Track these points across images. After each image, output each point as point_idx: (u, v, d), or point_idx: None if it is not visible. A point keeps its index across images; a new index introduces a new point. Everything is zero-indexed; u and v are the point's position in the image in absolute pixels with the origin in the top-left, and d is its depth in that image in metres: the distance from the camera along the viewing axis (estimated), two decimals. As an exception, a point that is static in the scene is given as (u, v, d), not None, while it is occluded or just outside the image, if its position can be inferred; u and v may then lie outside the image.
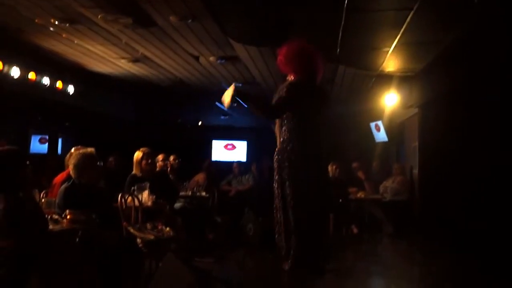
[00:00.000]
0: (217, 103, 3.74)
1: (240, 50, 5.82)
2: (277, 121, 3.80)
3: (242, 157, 13.41)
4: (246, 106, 3.68)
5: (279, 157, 3.65)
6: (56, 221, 3.13)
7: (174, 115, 11.84)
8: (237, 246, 5.81)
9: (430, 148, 6.59)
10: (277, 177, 3.67)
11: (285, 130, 3.66)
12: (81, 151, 3.80)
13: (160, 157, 6.30)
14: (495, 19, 4.23)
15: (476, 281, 4.02)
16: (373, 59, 5.83)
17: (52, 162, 6.93)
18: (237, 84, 3.84)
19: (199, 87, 8.23)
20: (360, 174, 7.76)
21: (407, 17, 4.29)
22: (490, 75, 4.67)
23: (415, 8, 4.07)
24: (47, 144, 9.04)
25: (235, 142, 14.00)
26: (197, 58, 6.38)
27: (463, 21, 4.48)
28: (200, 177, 7.55)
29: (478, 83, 4.93)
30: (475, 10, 4.11)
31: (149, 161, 5.10)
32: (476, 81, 4.92)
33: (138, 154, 5.15)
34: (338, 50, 5.36)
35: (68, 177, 3.91)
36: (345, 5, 4.08)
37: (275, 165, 3.70)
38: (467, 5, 4.01)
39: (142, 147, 5.28)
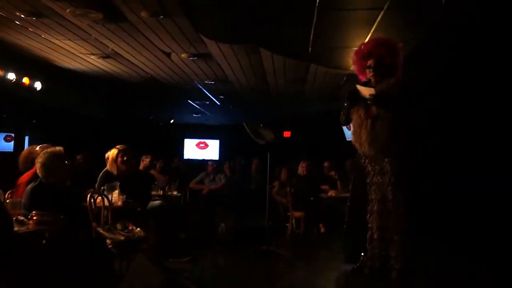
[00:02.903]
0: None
1: (212, 47, 5.78)
2: (358, 122, 3.66)
3: (215, 156, 13.38)
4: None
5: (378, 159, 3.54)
6: (21, 223, 3.04)
7: (146, 113, 11.70)
8: (209, 245, 5.78)
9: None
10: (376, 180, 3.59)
11: (384, 132, 3.50)
12: (49, 150, 3.70)
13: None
14: (463, 18, 4.34)
15: (453, 275, 4.07)
16: (345, 57, 5.89)
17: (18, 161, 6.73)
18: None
19: (171, 84, 8.15)
20: (333, 174, 7.82)
21: (378, 16, 4.35)
22: (459, 74, 4.78)
23: (385, 7, 4.14)
24: (13, 142, 8.80)
25: (207, 141, 13.95)
26: (168, 55, 6.31)
27: (431, 21, 4.57)
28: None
29: (448, 81, 5.04)
30: (443, 10, 4.20)
31: (125, 158, 4.99)
32: (446, 79, 5.04)
33: (113, 152, 5.01)
34: (310, 48, 5.40)
35: (34, 176, 3.80)
36: (317, 4, 4.10)
37: (369, 168, 3.60)
38: (435, 4, 4.10)
39: (112, 144, 5.17)
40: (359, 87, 3.65)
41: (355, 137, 3.72)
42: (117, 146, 5.04)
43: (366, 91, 3.58)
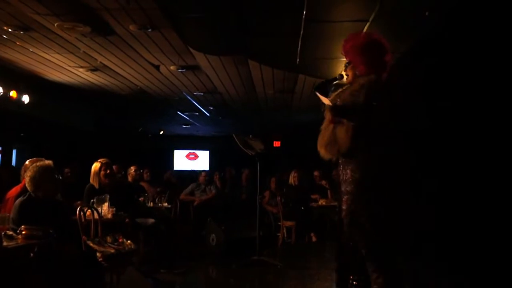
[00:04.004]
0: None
1: (201, 59, 5.81)
2: (324, 125, 3.30)
3: (205, 167, 13.37)
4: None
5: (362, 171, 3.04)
6: (10, 237, 3.01)
7: (135, 125, 11.68)
8: (200, 257, 5.77)
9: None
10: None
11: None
12: (38, 163, 3.68)
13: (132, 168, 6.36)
14: (446, 30, 4.43)
15: (439, 283, 4.11)
16: (332, 68, 5.96)
17: (6, 175, 6.68)
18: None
19: (160, 96, 8.16)
20: (325, 184, 7.86)
21: (363, 28, 4.42)
22: (442, 84, 4.87)
23: (370, 19, 4.21)
24: (0, 155, 8.73)
25: (197, 152, 13.94)
26: (157, 67, 6.33)
27: (415, 32, 4.66)
28: None
29: (433, 92, 5.11)
30: (426, 22, 4.29)
31: (108, 172, 4.99)
32: (430, 90, 5.11)
33: (96, 165, 5.03)
34: (298, 59, 5.46)
35: (23, 190, 3.78)
36: (304, 16, 4.16)
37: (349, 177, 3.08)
38: (419, 17, 4.18)
39: (101, 157, 5.17)
40: (319, 95, 3.26)
41: (318, 140, 3.36)
42: (99, 160, 5.04)
43: (325, 101, 3.21)
